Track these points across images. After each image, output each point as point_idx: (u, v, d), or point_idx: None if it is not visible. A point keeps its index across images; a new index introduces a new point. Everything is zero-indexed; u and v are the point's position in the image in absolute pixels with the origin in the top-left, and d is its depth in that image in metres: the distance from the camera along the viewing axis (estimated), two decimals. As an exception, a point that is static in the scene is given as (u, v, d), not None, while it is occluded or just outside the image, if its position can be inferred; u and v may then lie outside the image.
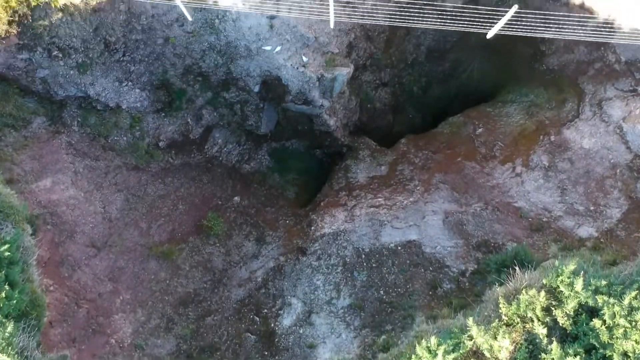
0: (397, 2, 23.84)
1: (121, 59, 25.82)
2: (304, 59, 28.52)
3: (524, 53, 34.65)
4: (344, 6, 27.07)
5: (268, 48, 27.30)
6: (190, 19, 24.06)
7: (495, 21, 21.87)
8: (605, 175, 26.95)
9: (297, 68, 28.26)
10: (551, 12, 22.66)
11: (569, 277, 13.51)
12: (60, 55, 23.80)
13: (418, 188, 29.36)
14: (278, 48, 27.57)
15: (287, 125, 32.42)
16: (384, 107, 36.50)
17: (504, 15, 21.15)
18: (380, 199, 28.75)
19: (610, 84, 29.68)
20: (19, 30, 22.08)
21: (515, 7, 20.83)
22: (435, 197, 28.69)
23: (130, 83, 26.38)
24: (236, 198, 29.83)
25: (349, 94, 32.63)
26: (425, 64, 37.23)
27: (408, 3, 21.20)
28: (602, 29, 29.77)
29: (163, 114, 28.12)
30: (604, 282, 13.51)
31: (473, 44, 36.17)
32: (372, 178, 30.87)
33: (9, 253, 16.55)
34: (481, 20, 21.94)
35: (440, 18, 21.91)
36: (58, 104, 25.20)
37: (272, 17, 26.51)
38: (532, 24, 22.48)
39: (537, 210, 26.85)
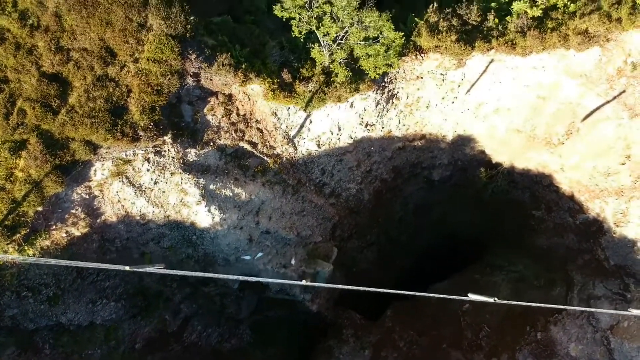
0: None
1: (95, 279, 25.08)
2: (284, 260, 27.84)
3: (515, 218, 33.97)
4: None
5: (247, 257, 26.61)
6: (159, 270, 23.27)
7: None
8: (592, 397, 26.31)
9: (278, 270, 27.59)
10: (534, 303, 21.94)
11: None
12: (30, 294, 23.05)
13: (401, 388, 28.73)
14: (259, 255, 26.91)
15: (269, 303, 31.73)
16: (369, 266, 35.82)
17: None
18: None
19: (599, 280, 28.98)
20: (-16, 287, 21.38)
21: (494, 300, 20.33)
22: (418, 404, 28.07)
23: (104, 300, 25.64)
24: (214, 395, 29.12)
25: (333, 270, 31.88)
26: (412, 219, 36.53)
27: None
28: (592, 226, 29.16)
29: (139, 318, 27.36)
30: None
31: (462, 200, 35.50)
32: (355, 366, 30.24)
33: None
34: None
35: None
36: (29, 331, 24.45)
37: (250, 239, 25.84)
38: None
39: None
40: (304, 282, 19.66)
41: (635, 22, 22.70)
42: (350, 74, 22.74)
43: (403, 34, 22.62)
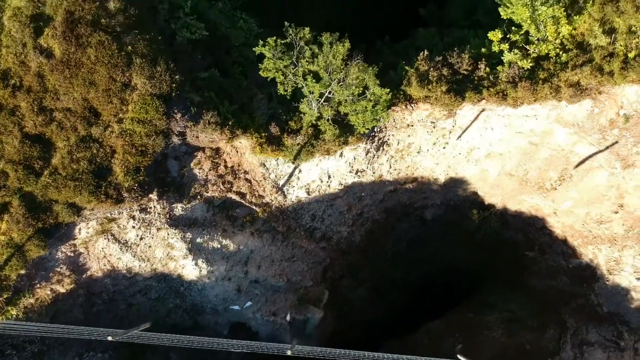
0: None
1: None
2: (274, 307, 27.53)
3: (508, 257, 33.62)
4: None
5: (236, 307, 26.33)
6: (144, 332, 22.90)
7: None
8: None
9: (267, 318, 27.29)
10: None
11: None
12: (15, 352, 22.79)
13: None
14: (248, 304, 26.61)
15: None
16: (362, 304, 35.50)
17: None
18: None
19: (593, 325, 28.65)
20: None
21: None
22: None
23: (91, 352, 25.36)
24: None
25: (324, 312, 31.56)
26: (405, 255, 36.21)
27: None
28: (585, 271, 28.88)
29: (127, 367, 27.07)
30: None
31: (455, 237, 35.17)
32: (346, 412, 29.84)
33: None
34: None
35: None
36: (13, 386, 24.15)
37: (238, 289, 25.57)
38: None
39: None
40: (289, 353, 19.39)
41: (627, 77, 22.39)
42: (338, 131, 22.43)
43: (389, 90, 22.29)
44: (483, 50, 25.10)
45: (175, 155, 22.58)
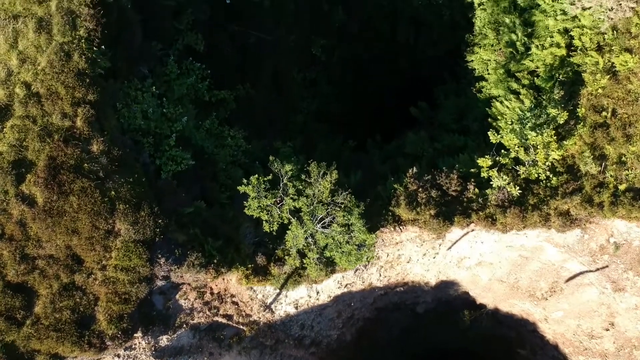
0: None
1: None
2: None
3: (502, 353, 33.44)
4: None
5: None
6: None
7: None
8: None
9: None
10: None
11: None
12: None
13: None
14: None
15: None
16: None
17: None
18: None
19: None
20: None
21: None
22: None
23: None
24: None
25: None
26: (399, 339, 35.99)
27: None
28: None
29: None
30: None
31: (447, 328, 34.93)
32: None
33: None
34: None
35: None
36: None
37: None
38: None
39: None
40: None
41: (616, 213, 22.13)
42: (323, 271, 22.23)
43: (375, 235, 22.07)
44: (472, 170, 24.85)
45: (161, 291, 22.37)
